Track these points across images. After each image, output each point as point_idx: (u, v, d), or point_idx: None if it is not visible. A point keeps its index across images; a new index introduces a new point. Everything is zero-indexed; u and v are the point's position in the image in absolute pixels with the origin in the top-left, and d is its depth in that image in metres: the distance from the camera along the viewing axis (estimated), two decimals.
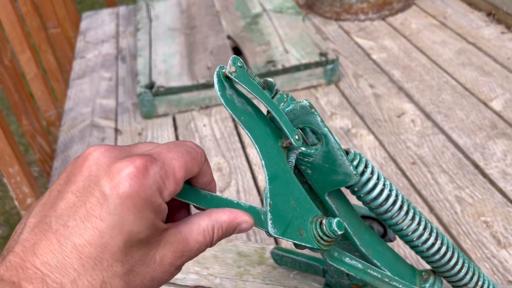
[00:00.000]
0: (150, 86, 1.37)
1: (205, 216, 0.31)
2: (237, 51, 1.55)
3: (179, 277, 0.75)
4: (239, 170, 1.15)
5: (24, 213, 1.06)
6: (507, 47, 1.54)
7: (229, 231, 0.32)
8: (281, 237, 0.35)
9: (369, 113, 1.31)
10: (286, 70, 1.41)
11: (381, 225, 0.58)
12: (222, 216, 0.31)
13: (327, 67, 1.42)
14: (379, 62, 1.55)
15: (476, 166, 1.08)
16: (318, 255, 0.67)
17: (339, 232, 0.38)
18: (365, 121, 1.28)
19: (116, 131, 1.36)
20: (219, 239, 0.31)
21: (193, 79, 1.39)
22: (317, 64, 1.42)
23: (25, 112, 1.16)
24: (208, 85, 1.38)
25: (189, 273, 0.76)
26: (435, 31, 1.70)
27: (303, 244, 0.37)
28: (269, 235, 0.34)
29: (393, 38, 1.69)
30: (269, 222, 0.34)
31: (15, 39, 1.23)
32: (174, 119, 1.38)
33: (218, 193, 1.01)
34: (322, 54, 1.44)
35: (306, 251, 0.56)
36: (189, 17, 1.79)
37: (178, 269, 0.30)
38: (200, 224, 0.30)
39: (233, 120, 1.34)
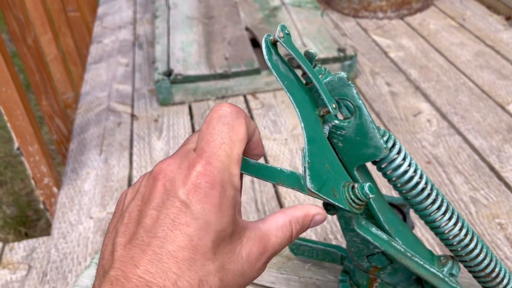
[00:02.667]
0: (168, 73, 1.38)
1: (281, 214, 0.33)
2: (255, 43, 1.55)
3: None
4: None
5: (41, 192, 1.07)
6: None
7: (306, 224, 0.34)
8: (317, 192, 0.37)
9: (385, 111, 1.31)
10: None
11: (401, 212, 0.58)
12: (297, 212, 0.34)
13: (344, 63, 1.42)
14: (396, 61, 1.55)
15: (492, 169, 1.08)
16: (339, 240, 0.68)
17: (371, 196, 0.40)
18: (381, 119, 1.28)
19: (132, 116, 1.36)
20: (299, 232, 0.34)
21: (211, 69, 1.39)
22: (334, 60, 1.42)
23: (45, 92, 1.17)
24: (226, 75, 1.38)
25: None
26: (454, 33, 1.69)
27: (336, 203, 0.39)
28: (307, 190, 0.37)
29: (411, 37, 1.69)
30: (307, 178, 0.36)
31: (38, 19, 1.23)
32: (190, 108, 1.38)
33: None
34: (340, 49, 1.44)
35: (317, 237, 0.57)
36: (207, 7, 1.79)
37: (264, 265, 0.31)
38: (277, 221, 0.33)
39: (249, 111, 1.34)
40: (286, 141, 1.21)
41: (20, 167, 1.78)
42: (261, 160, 1.12)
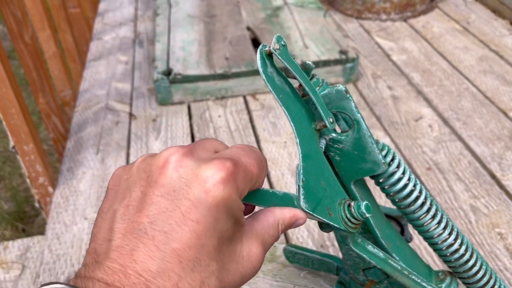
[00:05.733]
0: (167, 72, 1.36)
1: (270, 213, 0.33)
2: (256, 43, 1.54)
3: None
4: None
5: (36, 191, 1.06)
6: None
7: (289, 225, 0.34)
8: (311, 212, 0.36)
9: (386, 115, 1.30)
10: None
11: (399, 225, 0.57)
12: (285, 213, 0.33)
13: (346, 65, 1.41)
14: (399, 64, 1.53)
15: (493, 176, 1.07)
16: (333, 251, 0.67)
17: (367, 215, 0.39)
18: (382, 123, 1.27)
19: (131, 115, 1.35)
20: (282, 232, 0.34)
21: (211, 69, 1.37)
22: (336, 62, 1.40)
23: (42, 90, 1.16)
24: (226, 76, 1.37)
25: None
26: (457, 36, 1.67)
27: (331, 223, 0.38)
28: (301, 210, 0.36)
29: (414, 40, 1.67)
30: (301, 197, 0.35)
31: (36, 15, 1.22)
32: (189, 108, 1.37)
33: None
34: (342, 51, 1.42)
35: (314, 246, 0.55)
36: (209, 5, 1.77)
37: (262, 263, 0.31)
38: (268, 220, 0.32)
39: (248, 113, 1.33)
40: (285, 144, 1.20)
41: (19, 162, 1.77)
42: None
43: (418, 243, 0.91)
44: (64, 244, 0.95)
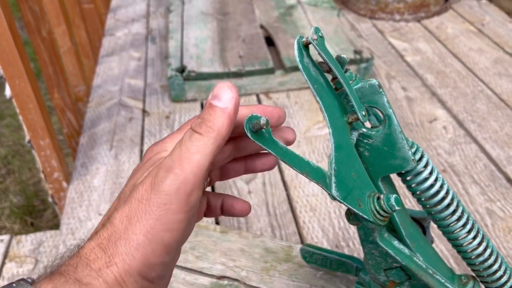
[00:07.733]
0: (181, 70, 1.36)
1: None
2: (269, 41, 1.53)
3: (205, 267, 0.75)
4: None
5: (50, 186, 1.06)
6: None
7: None
8: (343, 201, 0.37)
9: (401, 116, 1.29)
10: None
11: (420, 226, 0.57)
12: None
13: (361, 65, 1.40)
14: (413, 65, 1.52)
15: (509, 180, 1.06)
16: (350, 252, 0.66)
17: (397, 208, 0.39)
18: None
19: (144, 112, 1.35)
20: None
21: (225, 67, 1.37)
22: (350, 62, 1.39)
23: (58, 86, 1.16)
24: (239, 74, 1.36)
25: (215, 263, 0.75)
26: (472, 38, 1.66)
27: (360, 213, 0.38)
28: (333, 197, 0.36)
29: (428, 41, 1.66)
30: (333, 185, 0.36)
31: (52, 11, 1.22)
32: (202, 105, 1.37)
33: (244, 185, 1.00)
34: (356, 51, 1.41)
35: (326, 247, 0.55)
36: (222, 3, 1.77)
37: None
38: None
39: None
40: (299, 143, 1.19)
41: (28, 156, 1.78)
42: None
43: (434, 246, 0.90)
44: (79, 239, 0.95)
